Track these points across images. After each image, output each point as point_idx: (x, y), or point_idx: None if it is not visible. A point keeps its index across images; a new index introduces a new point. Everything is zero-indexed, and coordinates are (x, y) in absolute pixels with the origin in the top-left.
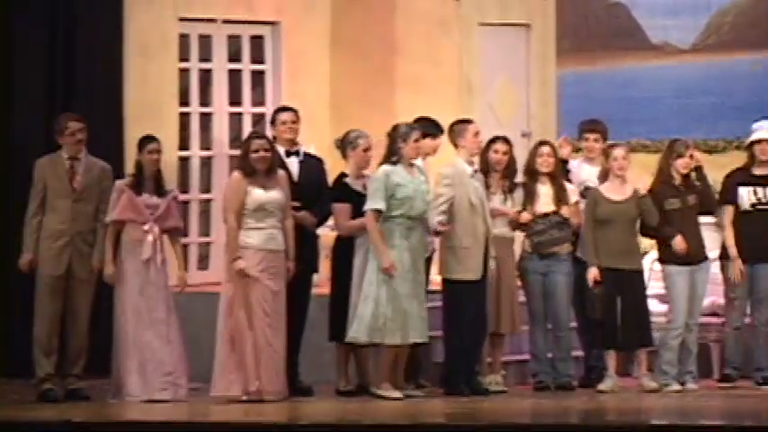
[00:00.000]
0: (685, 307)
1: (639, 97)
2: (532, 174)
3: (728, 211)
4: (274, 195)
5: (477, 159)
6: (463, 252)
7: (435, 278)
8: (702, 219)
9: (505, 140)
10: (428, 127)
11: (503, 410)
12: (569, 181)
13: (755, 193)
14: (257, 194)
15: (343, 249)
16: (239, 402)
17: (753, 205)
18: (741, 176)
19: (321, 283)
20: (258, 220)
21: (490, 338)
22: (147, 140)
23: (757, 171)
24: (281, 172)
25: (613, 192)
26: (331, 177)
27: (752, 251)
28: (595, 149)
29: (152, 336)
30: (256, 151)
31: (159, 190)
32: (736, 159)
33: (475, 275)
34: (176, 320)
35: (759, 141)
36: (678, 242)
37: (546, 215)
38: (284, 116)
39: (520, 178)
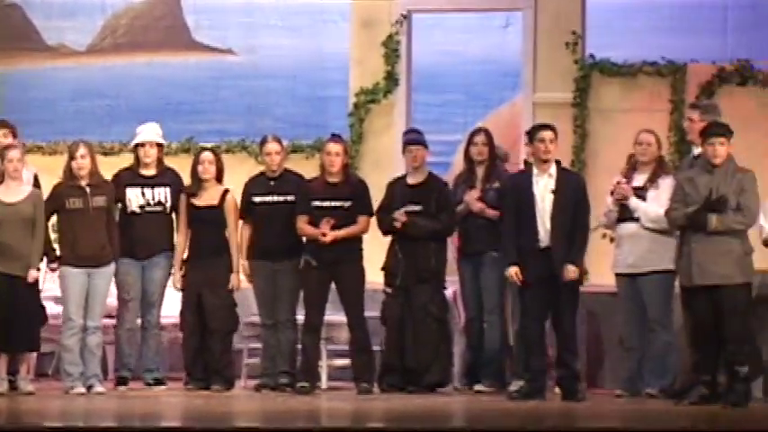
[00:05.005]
0: (79, 307)
1: (36, 99)
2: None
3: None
4: None
5: None
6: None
7: None
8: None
9: None
10: None
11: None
12: None
13: (144, 194)
14: None
15: None
16: None
17: (141, 207)
18: (129, 178)
19: None
20: None
21: None
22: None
23: (144, 171)
24: None
25: (7, 193)
26: None
27: (143, 252)
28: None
29: None
30: None
31: None
32: (131, 161)
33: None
34: None
35: (143, 144)
36: None
37: None
38: None
39: None
